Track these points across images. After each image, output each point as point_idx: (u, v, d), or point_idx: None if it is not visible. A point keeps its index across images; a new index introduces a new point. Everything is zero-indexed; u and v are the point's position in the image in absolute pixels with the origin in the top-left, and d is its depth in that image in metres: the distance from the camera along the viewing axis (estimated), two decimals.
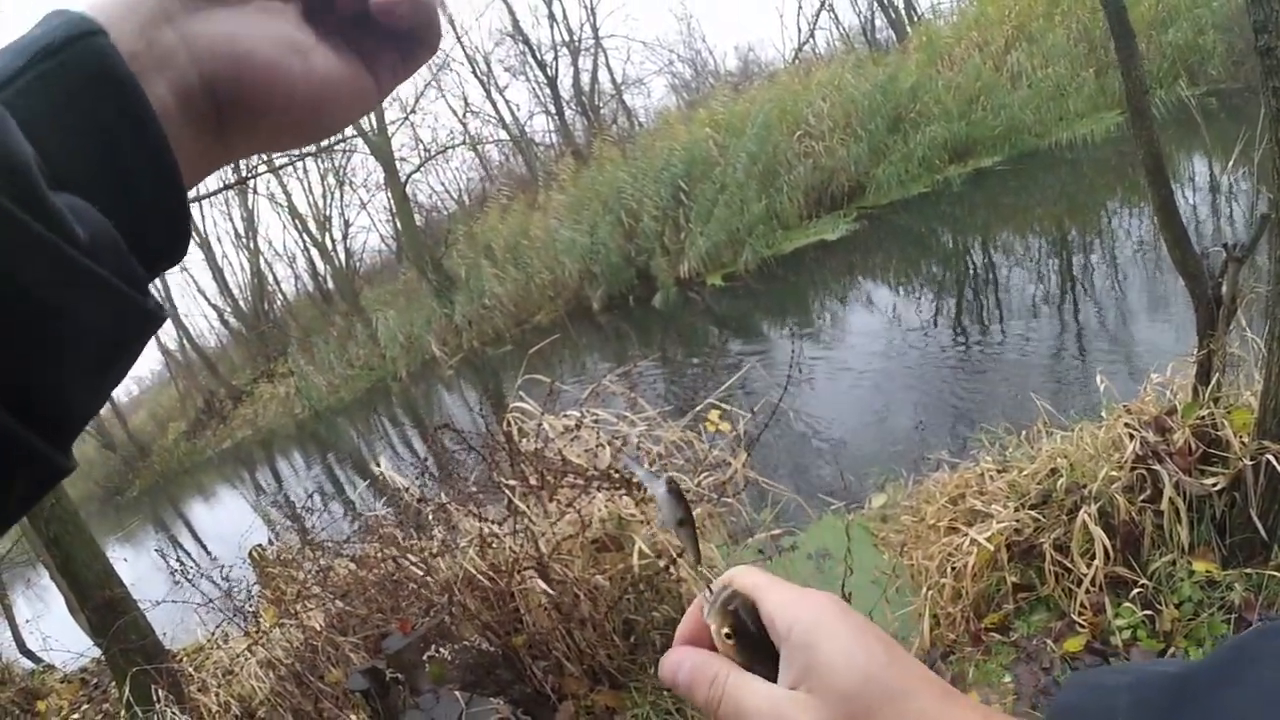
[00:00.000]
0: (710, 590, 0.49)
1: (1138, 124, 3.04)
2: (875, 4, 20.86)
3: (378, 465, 4.14)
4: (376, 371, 16.00)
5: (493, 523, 3.00)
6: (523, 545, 2.91)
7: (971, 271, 9.05)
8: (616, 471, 2.89)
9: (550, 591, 2.84)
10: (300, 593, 3.69)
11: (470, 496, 3.26)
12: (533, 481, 2.97)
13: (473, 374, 13.45)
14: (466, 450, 3.24)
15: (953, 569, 3.12)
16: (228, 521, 10.79)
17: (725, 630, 0.48)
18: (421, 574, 3.24)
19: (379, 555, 3.51)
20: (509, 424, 3.20)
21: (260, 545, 5.26)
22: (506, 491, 2.96)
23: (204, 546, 11.14)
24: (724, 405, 3.52)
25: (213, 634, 4.30)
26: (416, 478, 3.73)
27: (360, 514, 5.45)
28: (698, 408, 3.53)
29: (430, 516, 3.49)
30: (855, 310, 8.97)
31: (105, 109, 0.35)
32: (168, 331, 23.22)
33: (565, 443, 3.15)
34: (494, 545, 2.98)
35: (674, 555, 2.80)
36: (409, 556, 3.30)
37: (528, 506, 2.95)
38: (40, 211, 0.29)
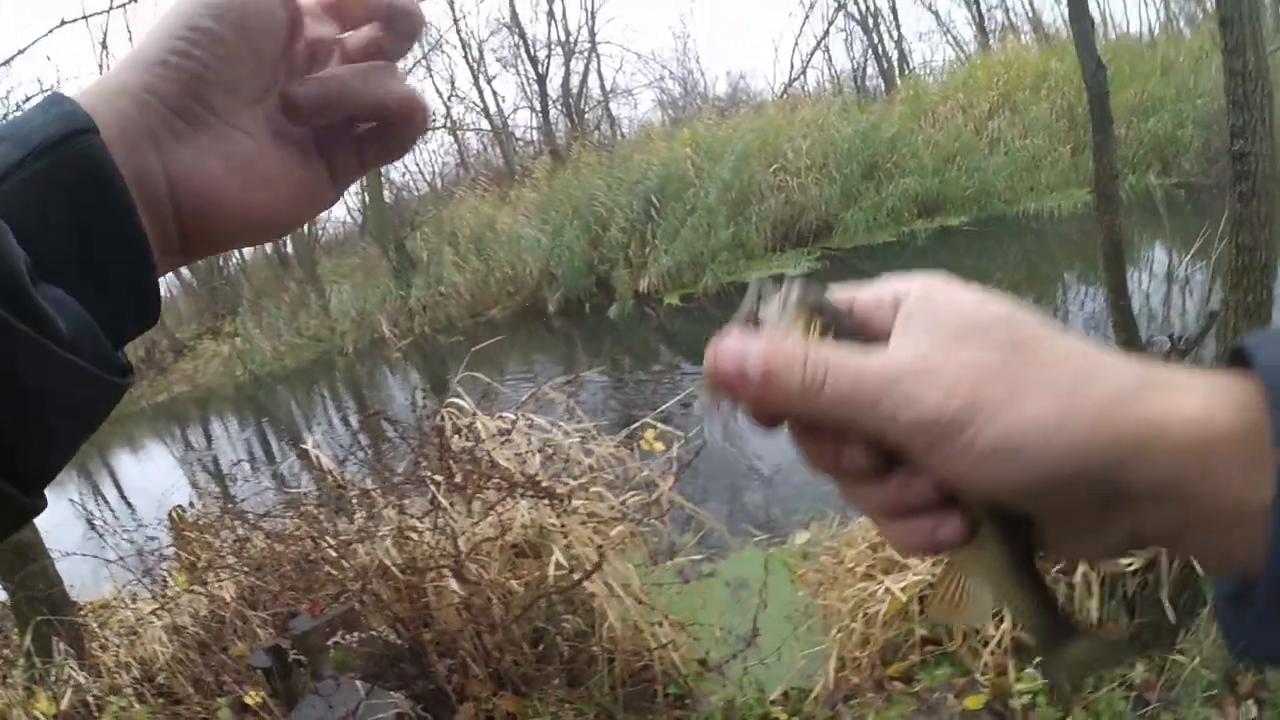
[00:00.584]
0: (762, 290, 0.40)
1: (1103, 208, 3.13)
2: (869, 52, 21.22)
3: (310, 440, 4.06)
4: (324, 344, 15.77)
5: (413, 516, 2.97)
6: (439, 542, 2.88)
7: None
8: (537, 482, 2.88)
9: (462, 592, 2.81)
10: (213, 561, 3.62)
11: (395, 486, 3.22)
12: (458, 479, 2.94)
13: (420, 359, 13.33)
14: (398, 438, 3.21)
15: (864, 615, 3.15)
16: (154, 477, 10.52)
17: (818, 325, 0.38)
18: (336, 557, 3.19)
19: (297, 533, 3.46)
20: (443, 418, 3.17)
21: (180, 507, 5.14)
22: (431, 486, 2.93)
23: (126, 500, 10.84)
24: (660, 425, 3.52)
25: (119, 592, 4.20)
26: (344, 460, 3.68)
27: (286, 487, 5.35)
28: (634, 425, 3.53)
29: (354, 501, 3.45)
30: None
31: (92, 205, 0.38)
32: None
33: (496, 445, 3.12)
34: (412, 538, 2.95)
35: (588, 569, 2.79)
36: (326, 539, 3.25)
37: (450, 504, 2.92)
38: (29, 314, 0.33)
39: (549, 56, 21.22)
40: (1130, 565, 2.92)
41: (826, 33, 21.80)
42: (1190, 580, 2.81)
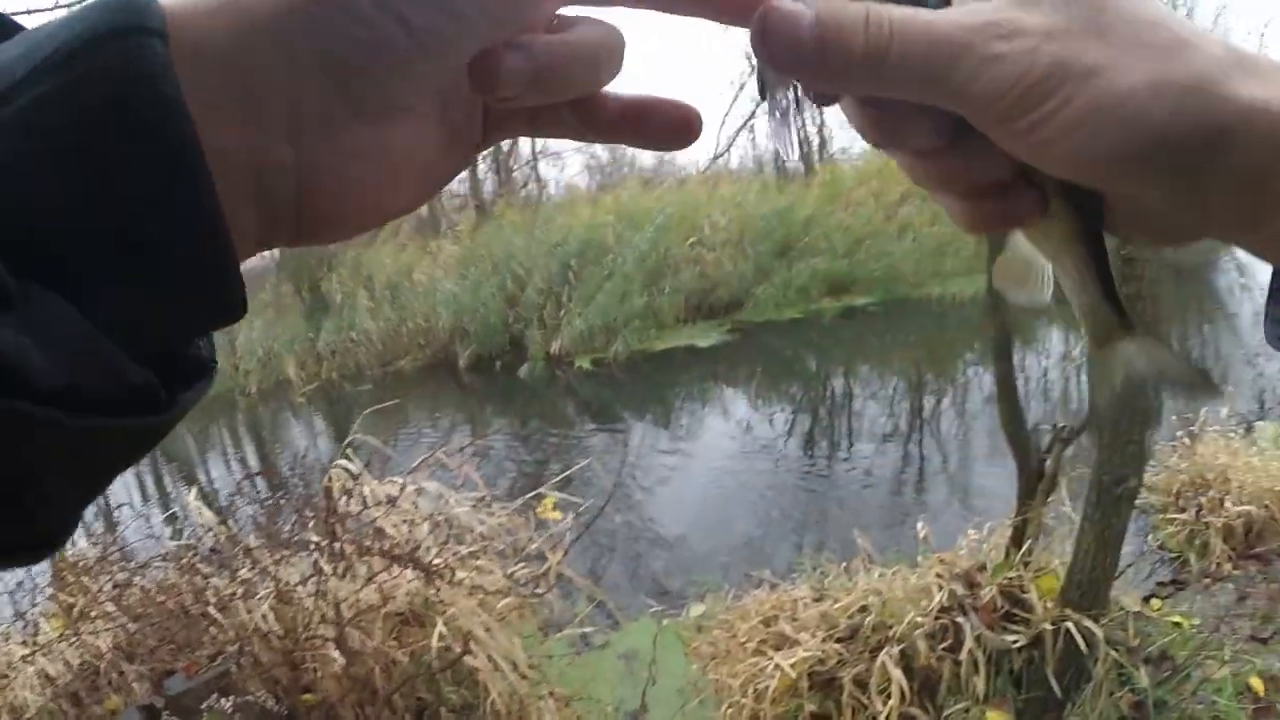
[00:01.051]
0: None
1: (996, 304, 3.27)
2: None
3: (195, 490, 3.90)
4: (228, 381, 15.25)
5: (292, 583, 2.86)
6: (318, 606, 2.78)
7: (828, 399, 9.38)
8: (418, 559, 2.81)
9: (342, 660, 2.71)
10: (89, 607, 3.42)
11: (281, 544, 3.10)
12: (342, 545, 2.85)
13: (325, 406, 12.98)
14: (282, 497, 3.10)
15: (754, 690, 3.14)
16: None
17: None
18: (215, 616, 3.05)
19: (179, 584, 3.29)
20: (330, 479, 3.08)
21: None
22: (314, 549, 2.83)
23: None
24: (556, 495, 3.49)
25: None
26: (232, 509, 3.54)
27: (174, 532, 5.11)
28: (533, 492, 3.50)
29: (242, 556, 3.31)
30: (713, 417, 9.12)
31: (128, 146, 0.24)
32: None
33: (382, 511, 3.04)
34: (292, 601, 2.84)
35: (466, 644, 2.72)
36: (207, 594, 3.10)
37: (334, 568, 2.83)
38: None
39: None
40: (1016, 642, 3.00)
41: (753, 114, 22.47)
42: (1074, 657, 2.90)
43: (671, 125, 0.36)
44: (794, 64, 0.32)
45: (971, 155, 0.35)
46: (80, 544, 4.71)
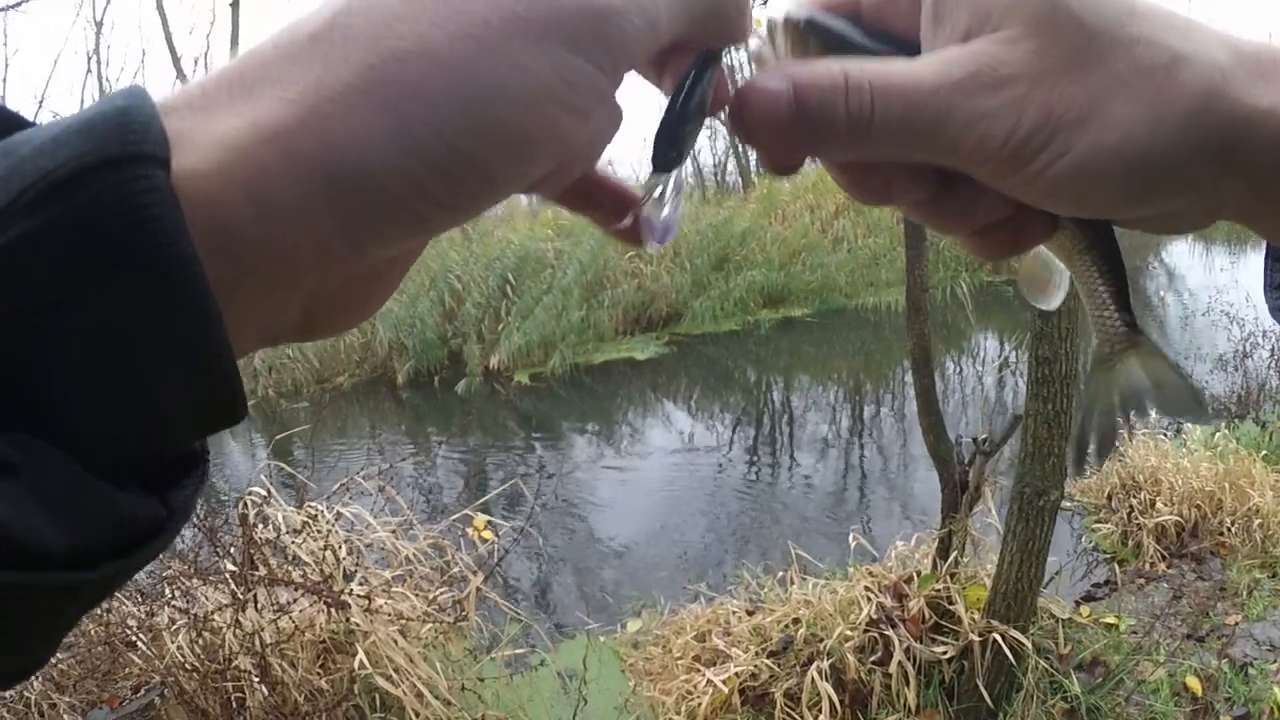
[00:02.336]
0: (767, 25, 0.33)
1: (913, 319, 3.32)
2: (730, 150, 22.12)
3: None
4: None
5: (208, 612, 2.77)
6: (236, 636, 2.70)
7: (767, 408, 9.46)
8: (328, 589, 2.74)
9: (264, 690, 2.64)
10: None
11: (198, 572, 3.01)
12: (260, 572, 2.78)
13: (262, 423, 12.67)
14: (199, 524, 3.00)
15: (687, 707, 3.13)
16: None
17: (816, 47, 0.32)
18: (135, 643, 2.94)
19: (100, 612, 3.17)
20: (245, 505, 3.00)
21: None
22: (228, 576, 2.75)
23: None
24: (485, 517, 3.45)
25: None
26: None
27: None
28: (459, 512, 3.45)
29: (164, 586, 3.20)
30: (653, 429, 9.14)
31: (127, 299, 0.21)
32: None
33: (299, 538, 2.97)
34: (211, 630, 2.75)
35: (391, 670, 2.67)
36: (129, 622, 2.99)
37: (251, 596, 2.75)
38: None
39: None
40: (945, 654, 3.03)
41: None
42: (1003, 667, 2.94)
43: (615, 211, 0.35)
44: (776, 142, 0.31)
45: (969, 199, 0.34)
46: None
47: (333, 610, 2.71)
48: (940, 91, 0.29)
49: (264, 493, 3.03)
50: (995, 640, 2.90)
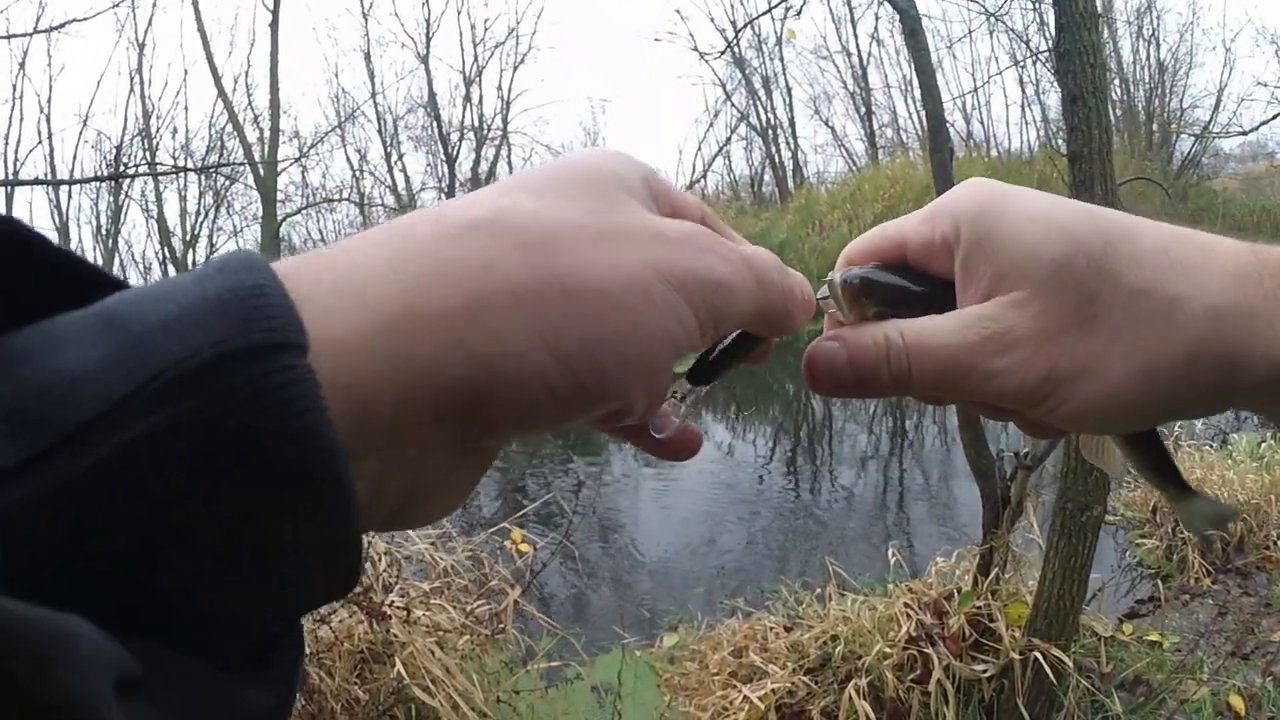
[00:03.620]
0: (829, 284, 0.39)
1: None
2: (767, 160, 22.09)
3: None
4: None
5: None
6: None
7: (805, 421, 9.40)
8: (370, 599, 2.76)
9: (302, 699, 2.67)
10: None
11: None
12: None
13: None
14: None
15: None
16: None
17: (873, 311, 0.37)
18: None
19: None
20: None
21: None
22: None
23: None
24: (519, 530, 3.47)
25: None
26: None
27: None
28: (494, 528, 3.47)
29: None
30: None
31: (268, 497, 0.21)
32: None
33: None
34: None
35: (429, 681, 2.68)
36: None
37: None
38: None
39: (461, 140, 21.44)
40: (985, 672, 2.99)
41: (729, 140, 22.69)
42: (1044, 685, 2.89)
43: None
44: (835, 390, 0.38)
45: (1006, 412, 0.40)
46: None
47: (373, 621, 2.73)
48: (962, 354, 0.34)
49: None
50: (1036, 659, 2.85)
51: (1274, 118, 14.80)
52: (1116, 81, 17.82)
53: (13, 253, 0.21)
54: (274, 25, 16.29)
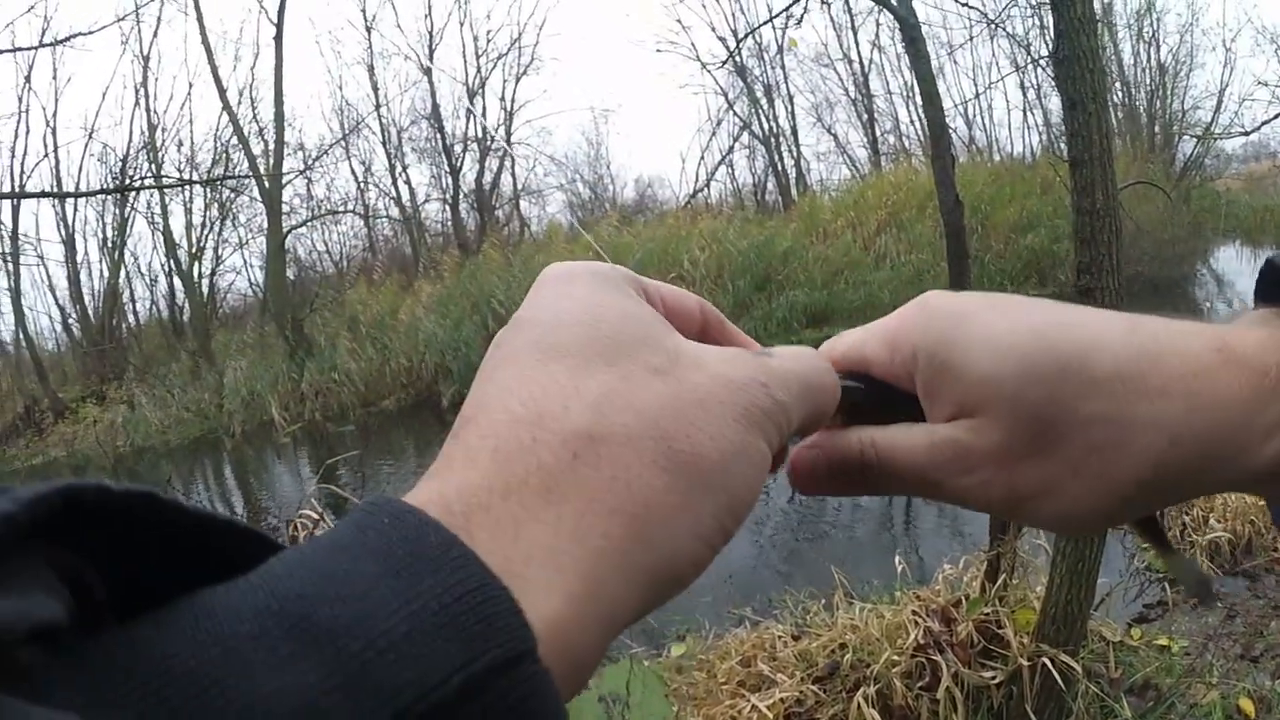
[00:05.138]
0: None
1: None
2: (770, 169, 22.12)
3: None
4: (210, 421, 15.12)
5: None
6: None
7: None
8: None
9: None
10: None
11: None
12: None
13: (310, 447, 12.88)
14: None
15: None
16: None
17: (841, 419, 0.39)
18: None
19: None
20: (295, 528, 3.05)
21: None
22: None
23: None
24: None
25: None
26: None
27: None
28: None
29: None
30: None
31: None
32: (5, 321, 21.21)
33: None
34: None
35: None
36: None
37: None
38: None
39: (465, 151, 21.50)
40: (994, 678, 2.98)
41: (731, 149, 22.76)
42: (1053, 691, 2.88)
43: None
44: (817, 490, 0.39)
45: None
46: None
47: None
48: (929, 471, 0.36)
49: (315, 516, 3.07)
50: (1045, 664, 2.85)
51: (1275, 117, 14.73)
52: (1117, 84, 17.86)
53: (150, 518, 0.21)
54: (278, 38, 16.34)
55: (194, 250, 20.22)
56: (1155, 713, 3.06)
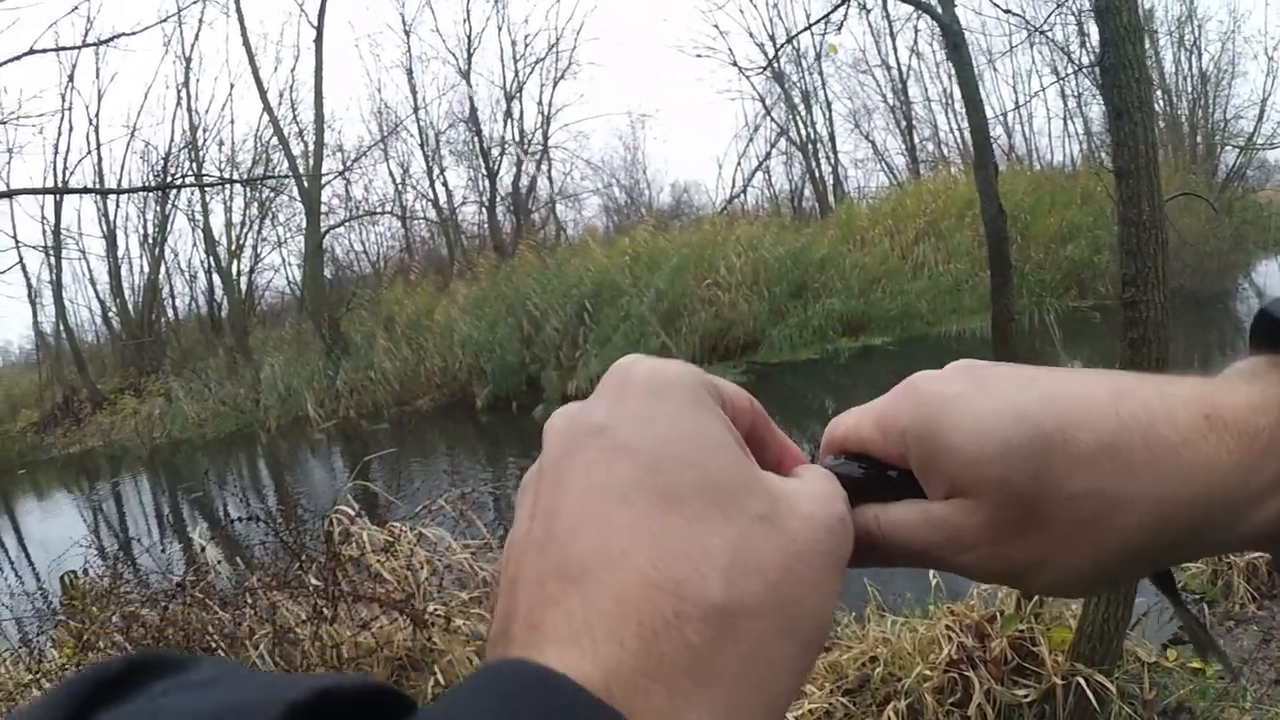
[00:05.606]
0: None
1: (1000, 350, 3.24)
2: (807, 175, 22.03)
3: (220, 518, 3.92)
4: (246, 416, 15.33)
5: (291, 624, 2.85)
6: (316, 648, 2.77)
7: None
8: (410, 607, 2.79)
9: None
10: (92, 639, 3.42)
11: (284, 584, 3.10)
12: (344, 588, 2.84)
13: (343, 443, 13.03)
14: (288, 540, 3.09)
15: None
16: (55, 533, 9.98)
17: (849, 490, 0.39)
18: (220, 651, 3.04)
19: (184, 617, 3.29)
20: (330, 523, 3.08)
21: (73, 572, 4.89)
22: (312, 590, 2.83)
23: (26, 551, 10.28)
24: None
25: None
26: (240, 550, 3.56)
27: (191, 563, 5.13)
28: None
29: (247, 596, 3.31)
30: None
31: None
32: (46, 313, 21.72)
33: (380, 557, 3.03)
34: (293, 642, 2.83)
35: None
36: (210, 629, 3.10)
37: (333, 612, 2.82)
38: None
39: (502, 155, 21.62)
40: (1027, 697, 2.94)
41: (768, 155, 22.70)
42: (1086, 711, 2.83)
43: None
44: None
45: None
46: (95, 574, 4.76)
47: (416, 629, 2.76)
48: (929, 549, 0.37)
49: (351, 512, 3.11)
50: (1079, 683, 2.80)
51: None
52: (1159, 93, 17.56)
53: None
54: (318, 41, 16.59)
55: (233, 248, 20.54)
56: None
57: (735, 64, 19.95)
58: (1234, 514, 0.34)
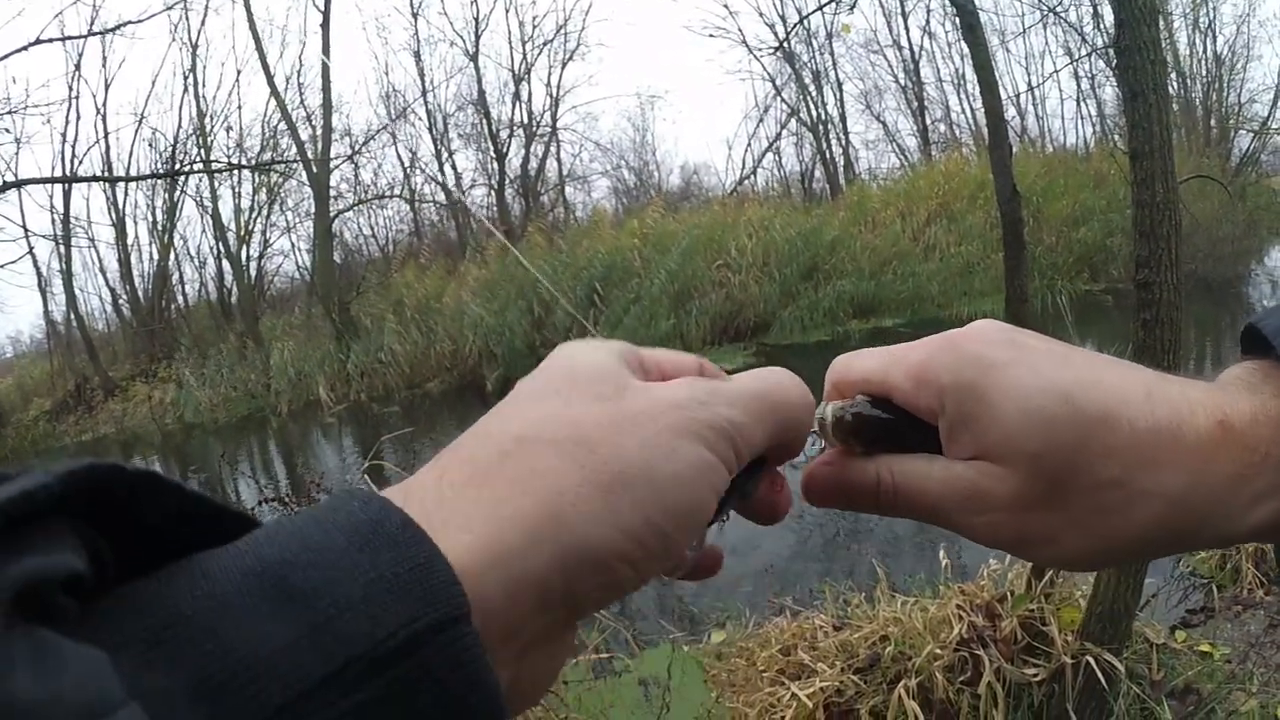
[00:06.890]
0: (820, 420, 0.42)
1: (1013, 324, 3.23)
2: (817, 156, 21.93)
3: (238, 501, 3.93)
4: (257, 400, 15.39)
5: None
6: None
7: None
8: None
9: None
10: None
11: None
12: None
13: (354, 427, 13.07)
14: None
15: None
16: None
17: (861, 448, 0.41)
18: None
19: None
20: None
21: None
22: None
23: None
24: None
25: None
26: None
27: None
28: None
29: None
30: None
31: None
32: (57, 302, 21.79)
33: None
34: None
35: None
36: None
37: None
38: None
39: (510, 137, 21.58)
40: (1036, 676, 2.96)
41: (779, 135, 22.62)
42: (1095, 691, 2.85)
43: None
44: (829, 505, 0.43)
45: None
46: None
47: None
48: (942, 504, 0.38)
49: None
50: (1088, 663, 2.82)
51: None
52: (1173, 76, 17.40)
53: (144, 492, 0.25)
54: (325, 25, 16.51)
55: (242, 234, 20.53)
56: (1196, 717, 3.02)
57: (745, 44, 19.84)
58: (1225, 516, 0.37)
